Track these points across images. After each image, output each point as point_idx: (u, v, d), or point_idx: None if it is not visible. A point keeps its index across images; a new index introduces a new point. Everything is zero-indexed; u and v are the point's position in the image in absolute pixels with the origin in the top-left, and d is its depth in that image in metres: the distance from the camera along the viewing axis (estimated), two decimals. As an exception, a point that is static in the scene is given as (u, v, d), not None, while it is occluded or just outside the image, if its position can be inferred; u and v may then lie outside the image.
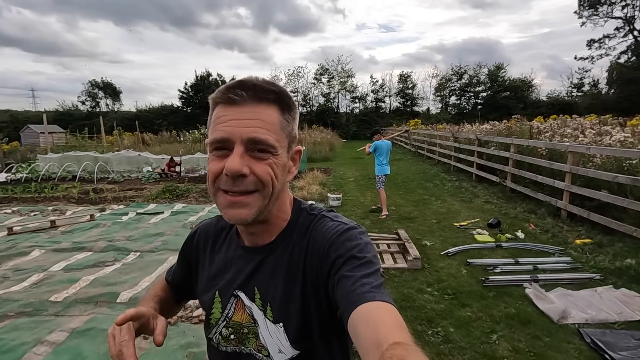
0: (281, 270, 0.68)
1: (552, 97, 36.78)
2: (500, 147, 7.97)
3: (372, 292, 0.54)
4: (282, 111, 0.63)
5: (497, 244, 4.49)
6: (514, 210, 6.17)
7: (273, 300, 0.67)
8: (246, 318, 0.70)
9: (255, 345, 0.69)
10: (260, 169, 0.60)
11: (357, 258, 0.60)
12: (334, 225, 0.67)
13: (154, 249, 4.74)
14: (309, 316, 0.65)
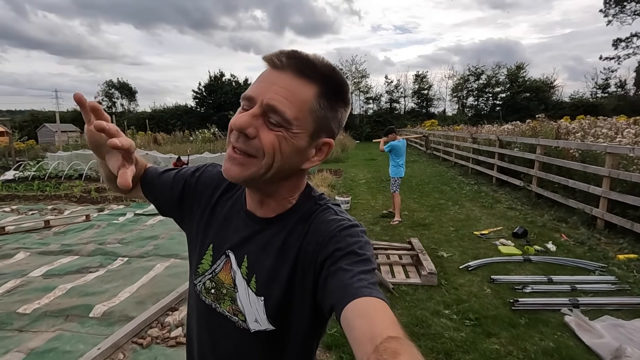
0: (274, 247, 0.67)
1: (576, 99, 35.27)
2: (524, 148, 7.34)
3: (370, 287, 0.54)
4: (320, 94, 0.60)
5: (525, 257, 3.93)
6: (542, 218, 5.57)
7: (259, 272, 0.68)
8: (228, 280, 0.71)
9: (230, 308, 0.71)
10: (266, 137, 0.59)
11: (357, 254, 0.59)
12: (337, 219, 0.66)
13: (144, 254, 4.38)
14: (289, 298, 0.66)
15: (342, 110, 0.65)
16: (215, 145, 17.23)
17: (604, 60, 36.84)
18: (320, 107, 0.60)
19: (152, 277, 3.66)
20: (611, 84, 35.71)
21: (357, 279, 0.55)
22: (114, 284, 3.55)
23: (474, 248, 4.38)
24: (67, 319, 2.93)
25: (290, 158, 0.61)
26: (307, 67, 0.59)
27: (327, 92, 0.61)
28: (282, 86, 0.58)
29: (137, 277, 3.68)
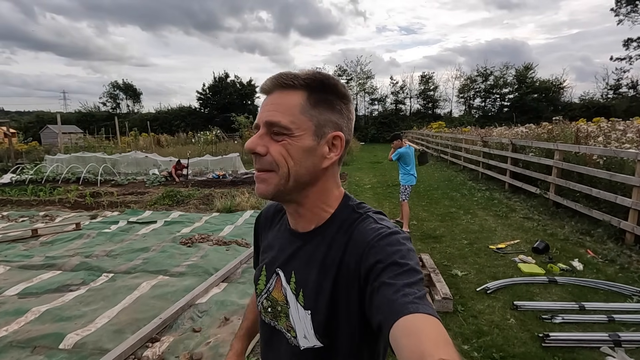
0: (316, 261, 0.68)
1: (586, 100, 34.52)
2: (540, 153, 6.91)
3: (416, 302, 0.51)
4: (309, 94, 0.64)
5: (550, 278, 3.53)
6: (562, 230, 5.14)
7: (305, 287, 0.68)
8: (281, 297, 0.72)
9: (285, 324, 0.72)
10: (274, 149, 0.63)
11: (398, 265, 0.57)
12: (376, 227, 0.64)
13: (131, 270, 4.04)
14: (335, 312, 0.64)
15: (340, 102, 0.66)
16: (217, 147, 16.91)
17: (615, 61, 36.01)
18: (312, 106, 0.63)
19: (136, 299, 3.32)
20: (622, 85, 34.88)
21: (402, 294, 0.52)
22: (93, 307, 3.21)
23: (491, 265, 3.98)
24: (34, 350, 2.60)
25: (304, 160, 0.64)
26: (288, 79, 0.63)
27: (314, 91, 0.64)
28: (273, 102, 0.64)
29: (119, 298, 3.34)
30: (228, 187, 9.64)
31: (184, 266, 4.10)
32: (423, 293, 0.53)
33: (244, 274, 3.90)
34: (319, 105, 0.64)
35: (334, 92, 0.66)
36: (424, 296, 0.53)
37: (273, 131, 0.63)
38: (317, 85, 0.64)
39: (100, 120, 34.81)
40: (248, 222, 6.06)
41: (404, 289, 0.53)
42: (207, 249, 4.63)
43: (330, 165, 0.67)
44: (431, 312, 0.50)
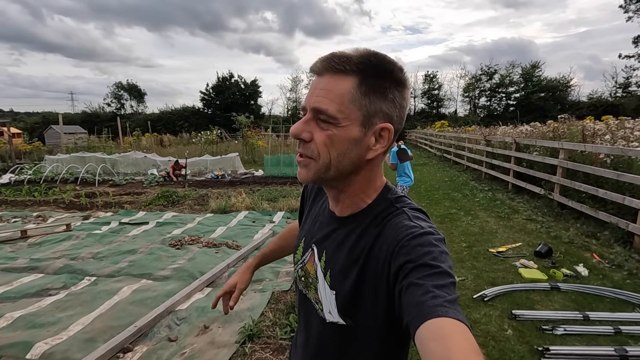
0: (347, 246, 0.68)
1: (594, 98, 33.92)
2: (544, 152, 6.67)
3: (445, 306, 0.49)
4: (360, 83, 0.61)
5: (553, 284, 3.31)
6: (567, 232, 4.91)
7: (333, 268, 0.70)
8: (312, 271, 0.75)
9: (314, 296, 0.75)
10: (318, 138, 0.62)
11: (429, 266, 0.54)
12: (409, 225, 0.62)
13: (114, 273, 3.91)
14: (358, 298, 0.65)
15: (394, 90, 0.63)
16: (218, 147, 16.81)
17: (624, 59, 35.34)
18: (362, 94, 0.61)
19: (114, 305, 3.17)
20: (632, 83, 34.22)
21: (431, 296, 0.50)
22: (69, 312, 3.07)
23: (490, 270, 3.77)
24: (0, 360, 2.46)
25: (348, 151, 0.63)
26: (340, 63, 0.60)
27: (367, 78, 0.61)
28: (322, 87, 0.62)
29: (97, 304, 3.20)
30: (226, 187, 9.51)
31: (169, 269, 3.95)
32: (454, 297, 0.52)
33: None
34: (370, 93, 0.61)
35: (389, 78, 0.62)
36: (454, 300, 0.51)
37: (319, 118, 0.62)
38: (371, 71, 0.61)
39: (105, 121, 34.99)
40: (241, 223, 5.91)
41: (433, 290, 0.51)
42: (195, 252, 4.49)
43: (374, 157, 0.66)
44: (461, 318, 0.48)
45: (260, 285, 3.58)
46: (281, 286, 3.50)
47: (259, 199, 7.32)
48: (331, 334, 0.71)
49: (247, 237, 5.18)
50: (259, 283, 3.62)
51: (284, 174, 11.11)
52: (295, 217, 6.41)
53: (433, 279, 0.52)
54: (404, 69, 0.63)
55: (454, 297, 0.52)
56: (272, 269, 3.94)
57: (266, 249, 1.09)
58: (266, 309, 3.06)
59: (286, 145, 15.75)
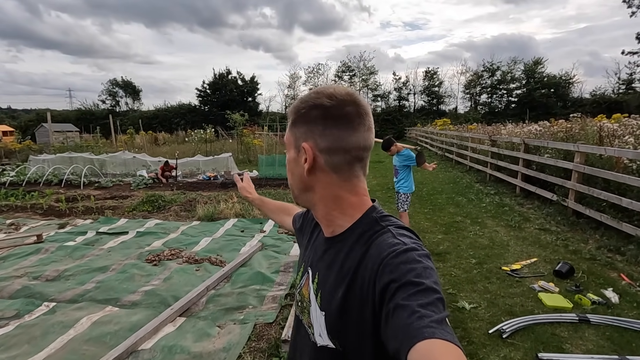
0: (336, 266, 0.69)
1: (597, 95, 33.38)
2: (557, 155, 6.19)
3: (432, 327, 0.47)
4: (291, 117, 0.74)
5: (581, 316, 2.84)
6: (586, 245, 4.45)
7: (324, 289, 0.70)
8: (307, 294, 0.76)
9: (307, 320, 0.76)
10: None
11: (413, 284, 0.54)
12: (392, 242, 0.62)
13: (77, 297, 3.43)
14: (345, 319, 0.65)
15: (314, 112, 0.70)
16: (212, 146, 16.27)
17: (627, 55, 34.76)
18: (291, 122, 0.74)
19: (67, 342, 2.69)
20: (635, 80, 33.68)
21: (417, 317, 0.49)
22: (13, 353, 2.60)
23: (506, 295, 3.30)
24: None
25: (292, 170, 0.75)
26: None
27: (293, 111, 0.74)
28: None
29: (48, 340, 2.73)
30: (217, 189, 9.03)
31: (139, 293, 3.48)
32: (442, 316, 0.49)
33: (208, 305, 3.26)
34: (295, 121, 0.73)
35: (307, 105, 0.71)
36: (442, 320, 0.49)
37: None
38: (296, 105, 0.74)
39: (99, 119, 34.32)
40: (228, 233, 5.43)
41: (419, 310, 0.50)
42: (173, 269, 4.01)
43: (315, 173, 0.70)
44: (450, 338, 0.46)
45: (242, 314, 3.10)
46: (265, 316, 3.02)
47: (249, 205, 6.84)
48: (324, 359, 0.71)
49: (233, 250, 4.70)
50: (241, 311, 3.15)
51: (280, 175, 10.62)
52: (287, 226, 5.99)
53: (418, 298, 0.51)
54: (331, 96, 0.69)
55: (442, 315, 0.50)
56: (257, 292, 3.47)
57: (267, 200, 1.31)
58: (245, 348, 2.58)
59: (282, 144, 15.25)
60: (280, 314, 3.05)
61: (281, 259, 4.32)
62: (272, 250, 4.64)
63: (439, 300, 0.52)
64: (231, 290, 3.53)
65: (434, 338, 0.45)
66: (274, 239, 5.10)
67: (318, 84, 41.74)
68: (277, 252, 4.57)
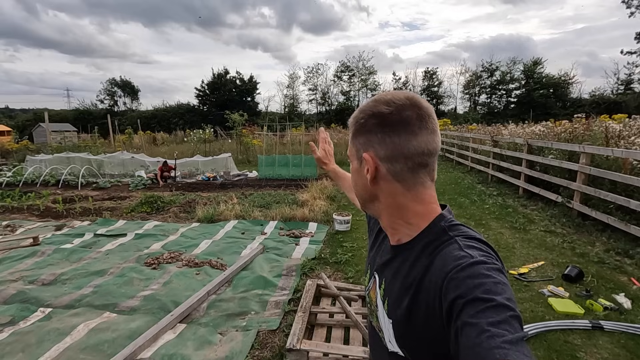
0: (401, 275, 0.69)
1: (596, 95, 33.41)
2: (562, 156, 6.12)
3: (504, 348, 0.43)
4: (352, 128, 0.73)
5: (594, 322, 2.76)
6: (593, 247, 4.37)
7: (390, 296, 0.70)
8: (374, 298, 0.77)
9: (376, 324, 0.77)
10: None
11: (482, 300, 0.50)
12: (458, 255, 0.58)
13: (74, 303, 3.34)
14: (412, 330, 0.64)
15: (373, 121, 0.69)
16: (211, 146, 16.15)
17: (625, 55, 34.83)
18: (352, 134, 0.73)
19: (63, 351, 2.60)
20: (634, 80, 33.71)
21: (487, 336, 0.45)
22: (6, 362, 2.50)
23: (516, 300, 3.21)
24: None
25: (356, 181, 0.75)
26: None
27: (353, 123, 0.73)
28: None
29: (43, 349, 2.63)
30: (217, 190, 8.93)
31: (138, 298, 3.38)
32: (517, 337, 0.45)
33: (209, 310, 3.17)
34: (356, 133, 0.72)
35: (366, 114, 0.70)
36: (518, 341, 0.45)
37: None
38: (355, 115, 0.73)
39: (97, 118, 34.17)
40: (229, 235, 5.33)
41: (489, 329, 0.46)
42: (173, 273, 3.91)
43: (378, 183, 0.70)
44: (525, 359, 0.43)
45: (244, 320, 3.01)
46: (268, 323, 2.93)
47: (250, 206, 6.74)
48: None
49: (233, 252, 4.60)
50: (243, 317, 3.06)
51: (279, 175, 10.53)
52: (289, 227, 5.88)
53: (487, 315, 0.48)
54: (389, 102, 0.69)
55: (517, 336, 0.45)
56: (259, 297, 3.38)
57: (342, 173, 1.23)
58: (248, 357, 2.49)
59: (282, 144, 15.14)
60: (284, 321, 2.96)
61: (283, 262, 4.23)
62: (274, 253, 4.54)
63: (514, 318, 0.48)
64: (232, 295, 3.43)
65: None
66: (276, 241, 5.01)
67: (317, 84, 41.66)
68: (278, 255, 4.47)
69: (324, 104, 41.36)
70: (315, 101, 42.13)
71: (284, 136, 16.99)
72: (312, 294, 3.17)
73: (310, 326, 2.82)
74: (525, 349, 0.45)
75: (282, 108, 41.70)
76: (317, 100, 42.00)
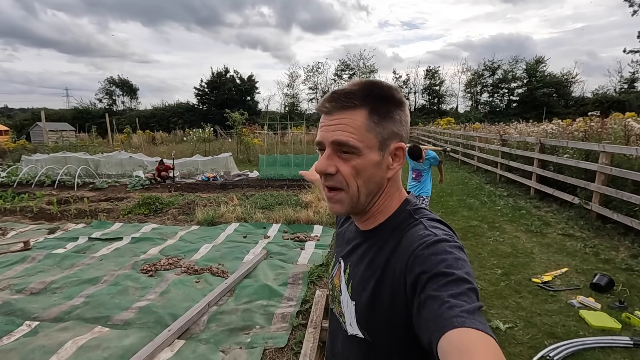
0: (367, 259, 0.70)
1: (599, 94, 33.14)
2: (578, 155, 5.85)
3: (462, 316, 0.46)
4: (370, 112, 0.65)
5: (636, 340, 2.50)
6: (618, 253, 4.12)
7: (354, 279, 0.71)
8: (338, 284, 0.78)
9: (338, 309, 0.78)
10: (344, 169, 0.66)
11: (444, 275, 0.53)
12: (423, 234, 0.62)
13: (63, 315, 3.07)
14: (375, 310, 0.65)
15: (398, 111, 0.68)
16: (211, 145, 15.87)
17: (629, 54, 34.53)
18: (375, 122, 0.65)
19: None
20: (638, 78, 33.42)
21: (447, 307, 0.48)
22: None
23: (543, 312, 2.96)
24: None
25: (372, 175, 0.67)
26: (347, 99, 0.65)
27: (374, 107, 0.66)
28: (337, 123, 0.66)
29: (25, 371, 2.37)
30: (217, 191, 8.67)
31: (133, 310, 3.12)
32: (474, 306, 0.48)
33: (209, 324, 2.90)
34: (382, 120, 0.66)
35: (391, 101, 0.67)
36: (474, 310, 0.48)
37: (342, 150, 0.65)
38: (374, 100, 0.66)
39: (96, 118, 33.87)
40: (230, 239, 5.06)
41: (449, 300, 0.49)
42: (171, 281, 3.65)
43: (394, 174, 0.70)
44: (482, 327, 0.45)
45: (248, 336, 2.75)
46: (275, 339, 2.67)
47: (252, 207, 6.48)
48: (353, 348, 0.71)
49: (235, 258, 4.34)
50: (247, 332, 2.80)
51: (281, 175, 10.27)
52: (293, 230, 5.61)
53: (448, 288, 0.50)
54: (399, 88, 0.69)
55: (474, 306, 0.48)
56: (265, 308, 3.12)
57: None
58: (254, 381, 2.23)
59: (283, 144, 14.88)
60: (292, 337, 2.70)
61: (289, 268, 3.97)
62: (278, 259, 4.28)
63: (471, 290, 0.50)
64: (235, 306, 3.17)
65: (464, 327, 0.44)
66: (280, 245, 4.75)
67: (317, 82, 41.37)
68: (283, 261, 4.21)
69: (324, 103, 41.02)
70: (315, 100, 41.85)
71: (285, 135, 16.73)
72: (322, 306, 2.91)
73: (321, 343, 2.56)
74: (481, 318, 0.46)
75: (282, 107, 41.44)
76: (318, 100, 41.74)
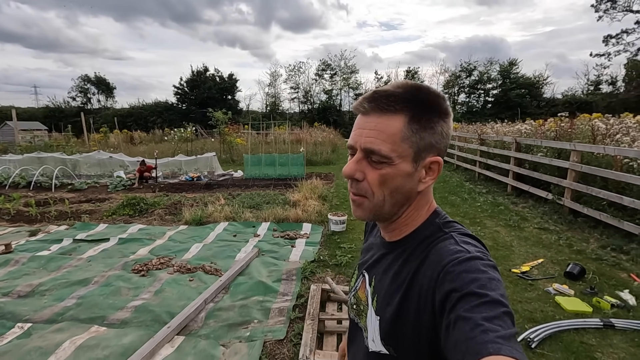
0: (392, 271, 0.68)
1: (568, 96, 34.75)
2: (551, 153, 6.21)
3: (498, 342, 0.43)
4: (410, 120, 0.61)
5: (606, 321, 2.74)
6: (588, 244, 4.43)
7: (380, 293, 0.69)
8: (364, 297, 0.74)
9: (364, 323, 0.73)
10: (371, 176, 0.63)
11: (476, 295, 0.50)
12: (455, 249, 0.59)
13: (56, 317, 3.05)
14: (401, 326, 0.63)
15: (441, 122, 0.64)
16: (193, 145, 15.66)
17: (594, 57, 36.35)
18: (413, 131, 0.61)
19: None
20: (602, 81, 35.27)
21: (481, 330, 0.45)
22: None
23: (523, 299, 3.18)
24: None
25: (401, 187, 0.63)
26: (388, 102, 0.61)
27: (415, 115, 0.61)
28: (372, 127, 0.62)
29: (24, 372, 2.36)
30: (202, 191, 8.62)
31: (129, 309, 3.13)
32: (510, 332, 0.45)
33: (207, 320, 2.96)
34: (420, 130, 0.62)
35: (434, 110, 0.63)
36: (510, 337, 0.45)
37: (372, 158, 0.63)
38: (418, 107, 0.62)
39: (69, 117, 32.62)
40: (220, 238, 5.09)
41: (483, 323, 0.46)
42: (164, 280, 3.67)
43: (425, 188, 0.66)
44: (520, 357, 0.42)
45: (247, 330, 2.82)
46: (274, 332, 2.75)
47: (239, 207, 6.50)
48: None
49: (227, 257, 4.38)
50: (245, 327, 2.87)
51: (266, 175, 10.30)
52: (282, 229, 5.69)
53: (482, 310, 0.48)
54: (446, 97, 0.64)
55: (510, 332, 0.46)
56: (261, 304, 3.20)
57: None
58: (257, 372, 2.31)
59: (267, 143, 14.86)
60: (290, 329, 2.79)
61: (281, 265, 4.05)
62: (270, 257, 4.36)
63: (506, 314, 0.48)
64: (231, 302, 3.23)
65: (500, 355, 0.42)
66: (270, 243, 4.82)
67: (299, 82, 41.37)
68: (275, 259, 4.29)
69: (306, 102, 41.08)
70: (297, 99, 41.84)
71: (268, 135, 16.71)
72: (318, 299, 3.02)
73: (319, 334, 2.67)
74: (517, 345, 0.45)
75: (264, 106, 41.18)
76: (300, 99, 41.71)
